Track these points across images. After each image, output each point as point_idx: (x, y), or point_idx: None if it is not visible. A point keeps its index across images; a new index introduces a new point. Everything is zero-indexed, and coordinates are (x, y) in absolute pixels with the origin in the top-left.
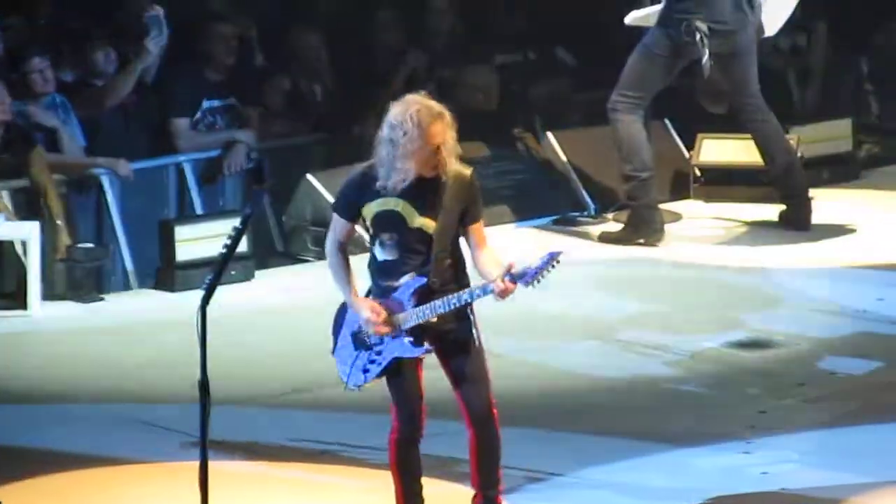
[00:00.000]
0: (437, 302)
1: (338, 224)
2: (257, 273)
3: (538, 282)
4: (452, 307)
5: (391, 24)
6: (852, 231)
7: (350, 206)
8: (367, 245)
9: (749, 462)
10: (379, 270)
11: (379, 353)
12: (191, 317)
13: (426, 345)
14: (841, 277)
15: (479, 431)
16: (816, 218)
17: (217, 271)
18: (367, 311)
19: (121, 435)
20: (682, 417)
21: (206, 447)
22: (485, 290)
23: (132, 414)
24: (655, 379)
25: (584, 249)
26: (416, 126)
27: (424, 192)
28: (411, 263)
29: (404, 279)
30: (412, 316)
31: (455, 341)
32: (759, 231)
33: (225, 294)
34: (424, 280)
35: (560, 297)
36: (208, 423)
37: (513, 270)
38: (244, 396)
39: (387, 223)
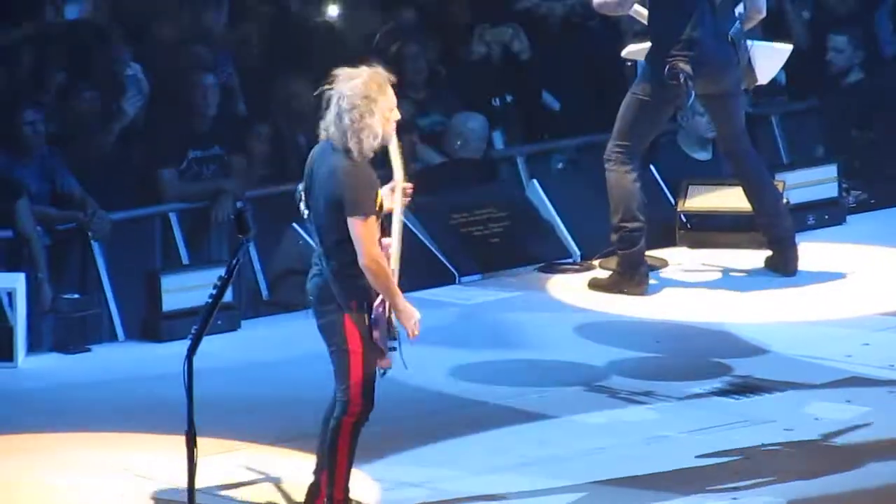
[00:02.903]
0: None
1: (374, 226)
2: (243, 323)
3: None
4: None
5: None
6: (839, 276)
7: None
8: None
9: None
10: None
11: (393, 349)
12: (177, 367)
13: None
14: (827, 323)
15: None
16: (803, 263)
17: (203, 321)
18: (418, 313)
19: (105, 483)
20: (668, 464)
21: (193, 499)
22: None
23: (119, 462)
24: (641, 425)
25: (569, 297)
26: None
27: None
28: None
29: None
30: None
31: None
32: (745, 277)
33: (211, 344)
34: None
35: (545, 343)
36: (195, 473)
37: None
38: (231, 446)
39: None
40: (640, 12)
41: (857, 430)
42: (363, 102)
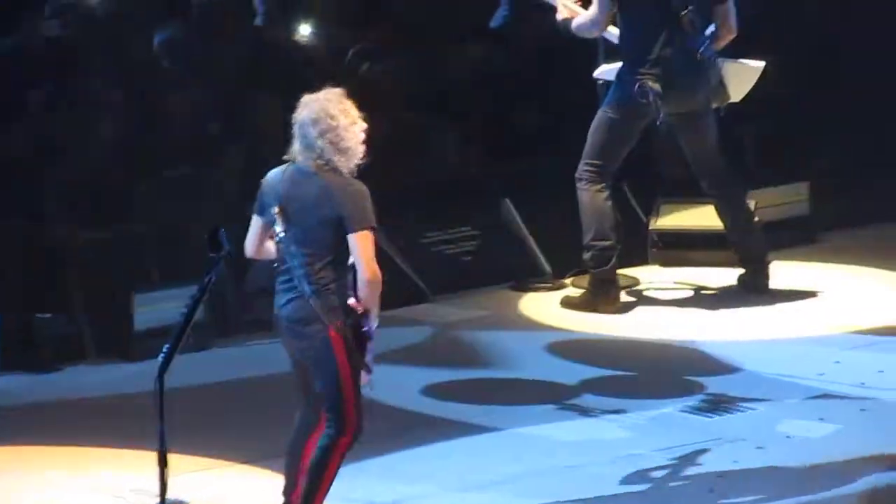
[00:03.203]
0: None
1: (373, 240)
2: (215, 341)
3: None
4: None
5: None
6: (810, 294)
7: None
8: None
9: None
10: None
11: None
12: (149, 385)
13: None
14: (799, 341)
15: None
16: (775, 282)
17: (175, 340)
18: None
19: (75, 500)
20: (641, 482)
21: None
22: None
23: (89, 481)
24: (614, 443)
25: (542, 315)
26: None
27: None
28: None
29: None
30: None
31: None
32: (717, 295)
33: (183, 363)
34: None
35: (517, 362)
36: (166, 491)
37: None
38: (203, 465)
39: None
40: (614, 32)
41: (830, 447)
42: (333, 121)
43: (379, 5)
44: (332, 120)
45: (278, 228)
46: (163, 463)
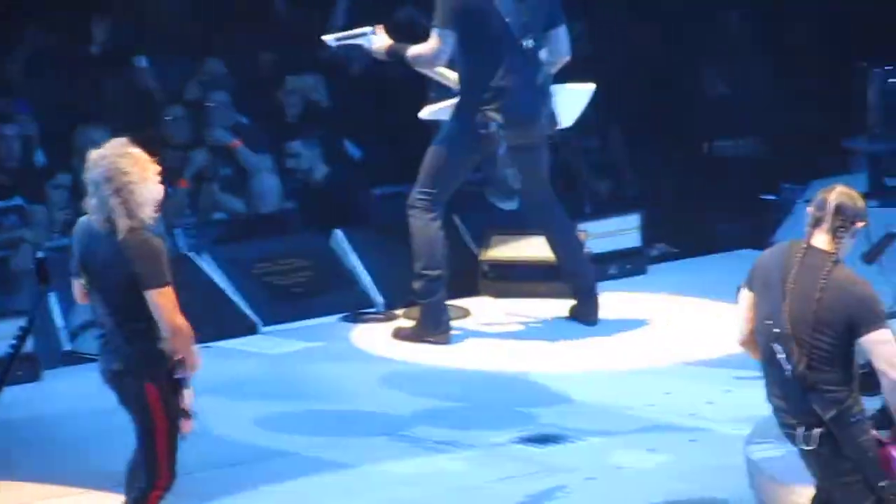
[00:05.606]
0: None
1: (172, 294)
2: (44, 373)
3: None
4: None
5: (180, 122)
6: (641, 325)
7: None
8: None
9: None
10: None
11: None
12: None
13: None
14: (629, 372)
15: None
16: (605, 313)
17: (2, 372)
18: None
19: None
20: None
21: None
22: None
23: None
24: (447, 474)
25: (374, 346)
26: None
27: None
28: None
29: None
30: None
31: None
32: (548, 326)
33: (10, 395)
34: None
35: (349, 394)
36: None
37: None
38: (56, 493)
39: None
40: (445, 74)
41: (660, 478)
42: (126, 177)
43: (211, 38)
44: (126, 176)
45: (84, 282)
46: None
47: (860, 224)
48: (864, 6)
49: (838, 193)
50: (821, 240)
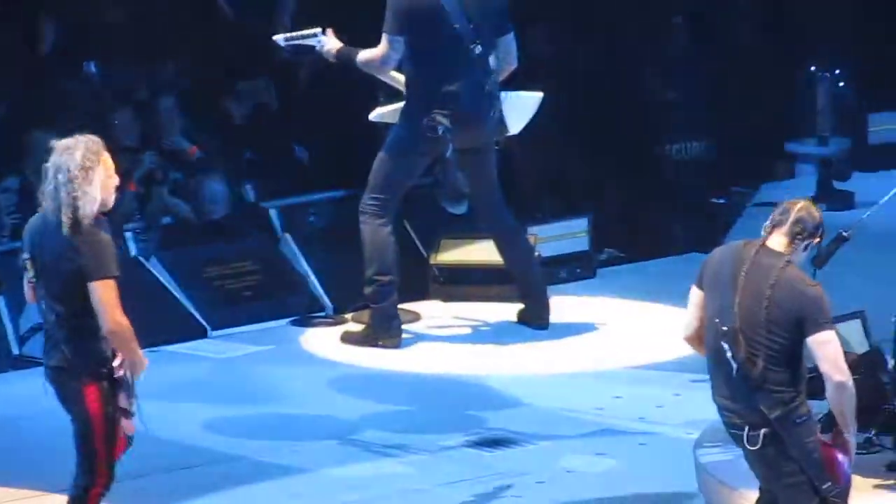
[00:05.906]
0: None
1: (115, 289)
2: None
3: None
4: None
5: (129, 126)
6: (590, 329)
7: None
8: None
9: None
10: None
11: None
12: None
13: None
14: (579, 375)
15: None
16: (555, 316)
17: None
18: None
19: None
20: None
21: None
22: None
23: None
24: (396, 478)
25: (323, 350)
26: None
27: None
28: None
29: None
30: None
31: None
32: (497, 330)
33: None
34: None
35: (298, 397)
36: None
37: None
38: (19, 496)
39: None
40: (396, 77)
41: (609, 482)
42: (81, 173)
43: (167, 42)
44: (81, 171)
45: (30, 276)
46: None
47: (816, 240)
48: (810, 9)
49: (804, 206)
50: (777, 241)
